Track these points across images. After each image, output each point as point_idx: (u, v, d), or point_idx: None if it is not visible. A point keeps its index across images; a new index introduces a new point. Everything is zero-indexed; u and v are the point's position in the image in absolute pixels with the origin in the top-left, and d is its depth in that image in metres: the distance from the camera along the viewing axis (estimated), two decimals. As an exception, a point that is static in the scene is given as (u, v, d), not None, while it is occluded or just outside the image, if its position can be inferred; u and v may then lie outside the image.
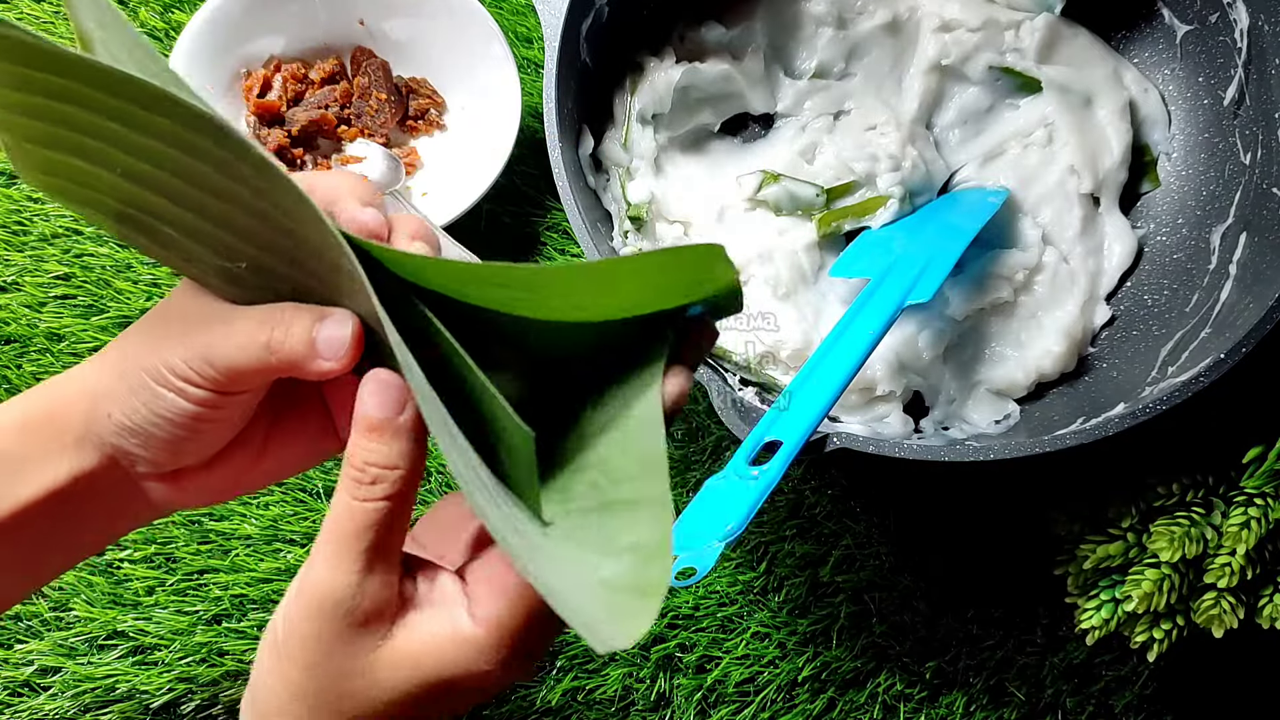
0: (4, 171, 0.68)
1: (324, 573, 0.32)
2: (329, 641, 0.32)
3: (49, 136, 0.32)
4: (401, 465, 0.32)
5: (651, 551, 0.29)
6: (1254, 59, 0.60)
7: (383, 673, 0.32)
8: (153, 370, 0.35)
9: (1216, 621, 0.55)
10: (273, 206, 0.31)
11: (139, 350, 0.36)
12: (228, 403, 0.36)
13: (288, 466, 0.41)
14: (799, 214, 0.64)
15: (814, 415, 0.50)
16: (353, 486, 0.32)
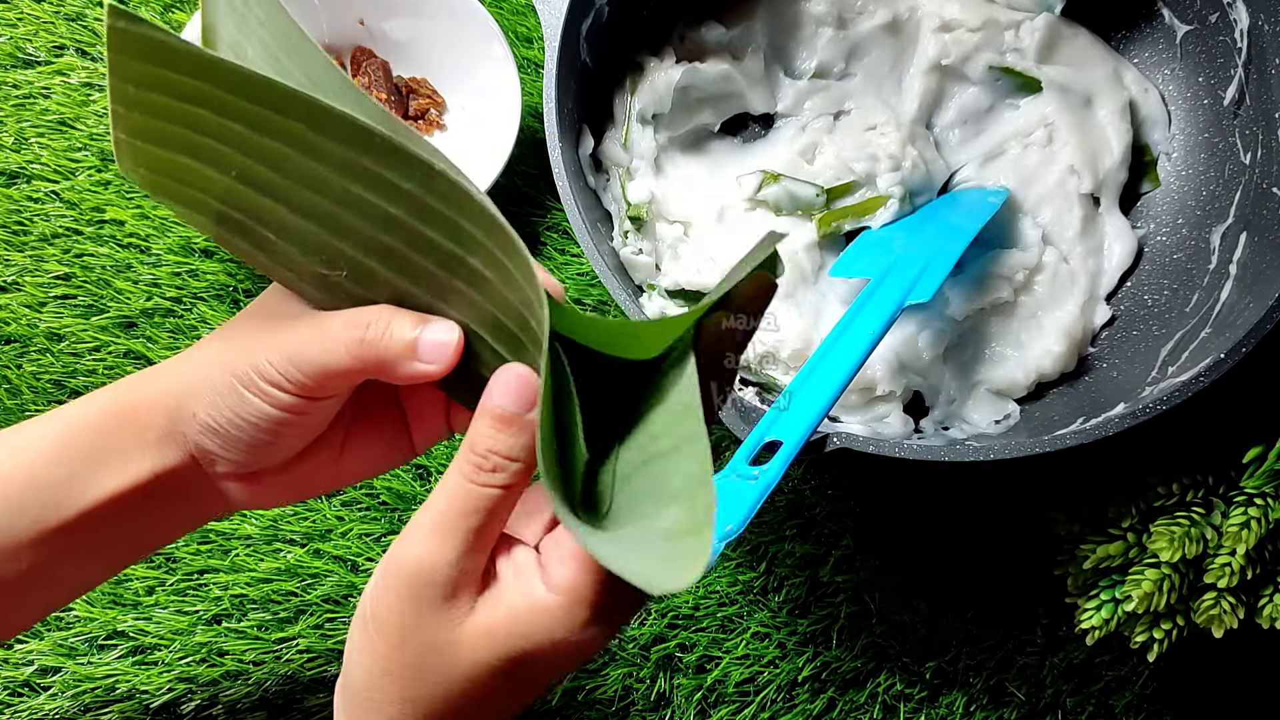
0: (4, 171, 0.68)
1: (423, 547, 0.33)
2: (419, 615, 0.33)
3: (167, 135, 0.33)
4: (522, 458, 0.33)
5: (695, 486, 0.30)
6: (1254, 59, 0.60)
7: (466, 646, 0.33)
8: (240, 374, 0.36)
9: (1216, 621, 0.55)
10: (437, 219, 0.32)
11: (225, 353, 0.37)
12: (311, 408, 0.37)
13: (362, 471, 0.42)
14: (799, 214, 0.64)
15: (814, 415, 0.50)
16: (471, 471, 0.33)
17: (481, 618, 0.33)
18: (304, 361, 0.35)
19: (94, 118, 0.68)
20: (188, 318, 0.66)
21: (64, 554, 0.38)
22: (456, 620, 0.33)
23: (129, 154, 0.33)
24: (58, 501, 0.37)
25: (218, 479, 0.39)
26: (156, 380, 0.38)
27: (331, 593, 0.63)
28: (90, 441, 0.37)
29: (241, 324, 0.38)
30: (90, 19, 0.69)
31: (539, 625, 0.33)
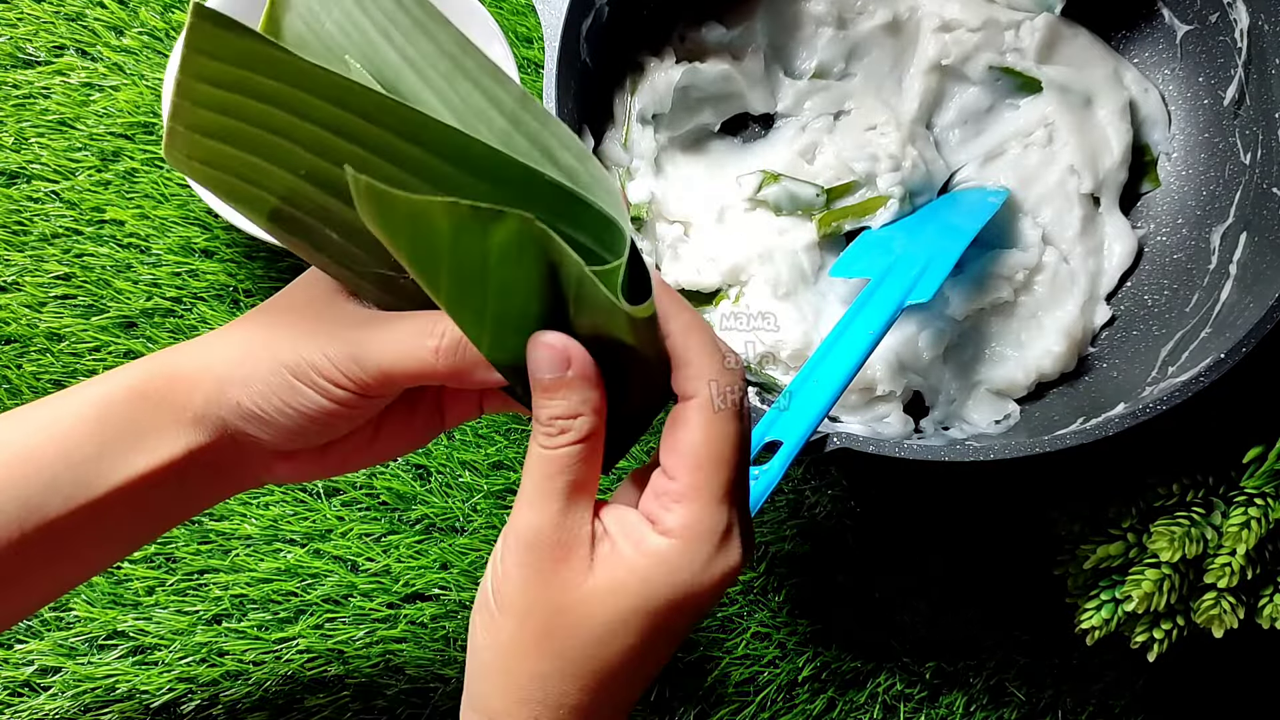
0: (4, 171, 0.68)
1: (528, 516, 0.34)
2: (538, 579, 0.33)
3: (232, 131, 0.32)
4: (583, 410, 0.34)
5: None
6: (1254, 59, 0.60)
7: (595, 603, 0.33)
8: (293, 365, 0.36)
9: (1216, 621, 0.55)
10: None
11: (272, 340, 0.36)
12: (365, 404, 0.37)
13: (395, 448, 0.42)
14: (799, 214, 0.64)
15: (814, 415, 0.50)
16: (544, 439, 0.34)
17: (603, 575, 0.33)
18: (369, 362, 0.35)
19: (94, 118, 0.68)
20: (188, 318, 0.66)
21: (92, 530, 0.38)
22: (577, 579, 0.33)
23: (184, 145, 0.33)
24: (89, 479, 0.37)
25: (254, 454, 0.39)
26: (193, 358, 0.38)
27: (331, 593, 0.63)
28: (123, 418, 0.37)
29: (284, 312, 0.38)
30: (90, 19, 0.69)
31: (663, 572, 0.33)
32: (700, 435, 0.33)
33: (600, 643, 0.33)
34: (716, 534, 0.33)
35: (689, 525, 0.33)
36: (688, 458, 0.33)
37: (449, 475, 0.65)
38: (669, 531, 0.33)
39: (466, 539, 0.64)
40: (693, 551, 0.33)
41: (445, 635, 0.63)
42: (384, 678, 0.62)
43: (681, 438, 0.33)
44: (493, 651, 0.34)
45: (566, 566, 0.33)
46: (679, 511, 0.33)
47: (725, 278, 0.63)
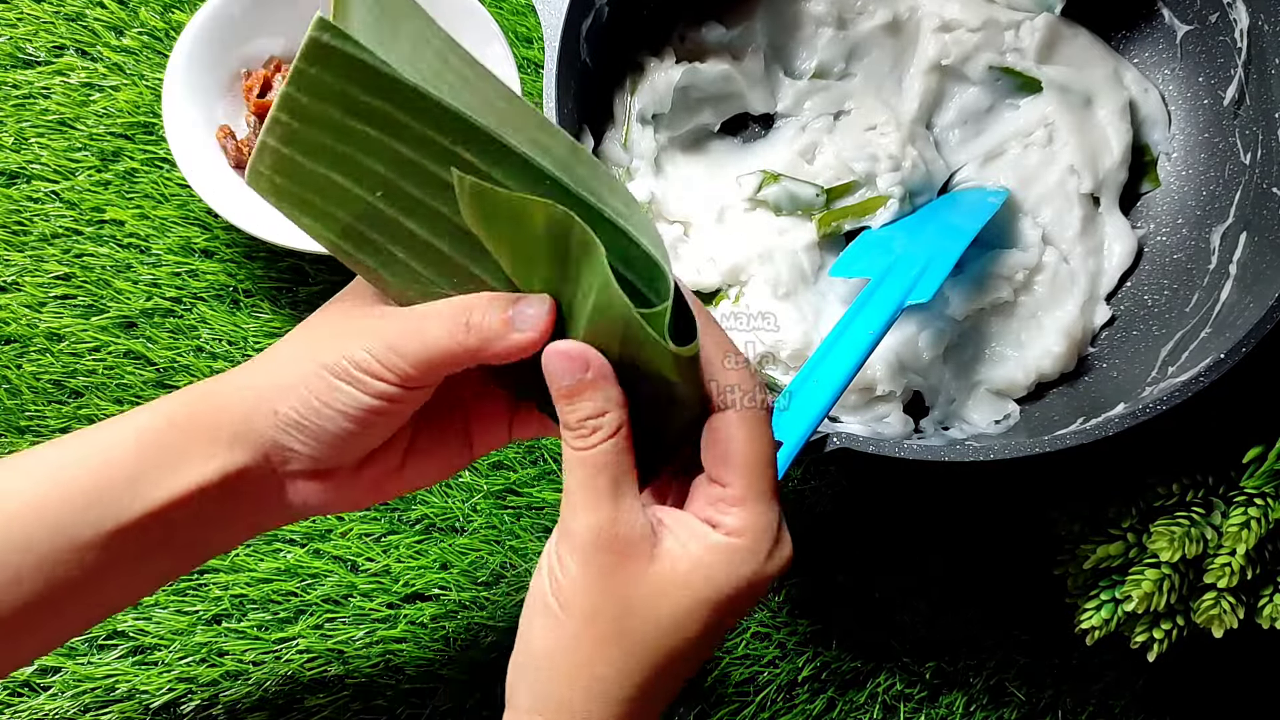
0: (4, 171, 0.68)
1: (584, 519, 0.35)
2: (606, 579, 0.34)
3: (320, 147, 0.33)
4: (608, 407, 0.35)
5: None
6: (1254, 59, 0.60)
7: (664, 599, 0.35)
8: (331, 364, 0.37)
9: (1216, 621, 0.55)
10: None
11: (312, 346, 0.37)
12: (406, 398, 0.37)
13: (424, 477, 0.43)
14: (799, 214, 0.64)
15: (814, 415, 0.50)
16: (576, 441, 0.35)
17: (667, 570, 0.35)
18: (407, 350, 0.36)
19: (94, 118, 0.68)
20: (188, 318, 0.66)
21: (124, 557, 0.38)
22: (641, 574, 0.35)
23: (269, 159, 0.34)
24: (121, 504, 0.37)
25: (286, 479, 0.39)
26: (231, 381, 0.39)
27: (331, 593, 0.63)
28: (160, 444, 0.38)
29: (321, 322, 0.39)
30: (90, 19, 0.69)
31: (729, 568, 0.35)
32: (744, 442, 0.35)
33: (665, 635, 0.35)
34: (773, 530, 0.36)
35: (750, 525, 0.35)
36: (737, 463, 0.35)
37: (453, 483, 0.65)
38: (733, 531, 0.35)
39: (466, 539, 0.64)
40: (756, 548, 0.35)
41: (445, 635, 0.63)
42: (384, 678, 0.62)
43: (727, 446, 0.35)
44: (557, 652, 0.35)
45: (631, 562, 0.34)
46: (738, 514, 0.35)
47: (725, 278, 0.63)
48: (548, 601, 0.36)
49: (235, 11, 0.64)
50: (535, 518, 0.64)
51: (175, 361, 0.65)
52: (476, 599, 0.63)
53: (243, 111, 0.67)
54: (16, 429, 0.64)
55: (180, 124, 0.63)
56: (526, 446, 0.65)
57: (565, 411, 0.35)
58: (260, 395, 0.38)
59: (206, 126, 0.65)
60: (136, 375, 0.65)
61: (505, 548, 0.64)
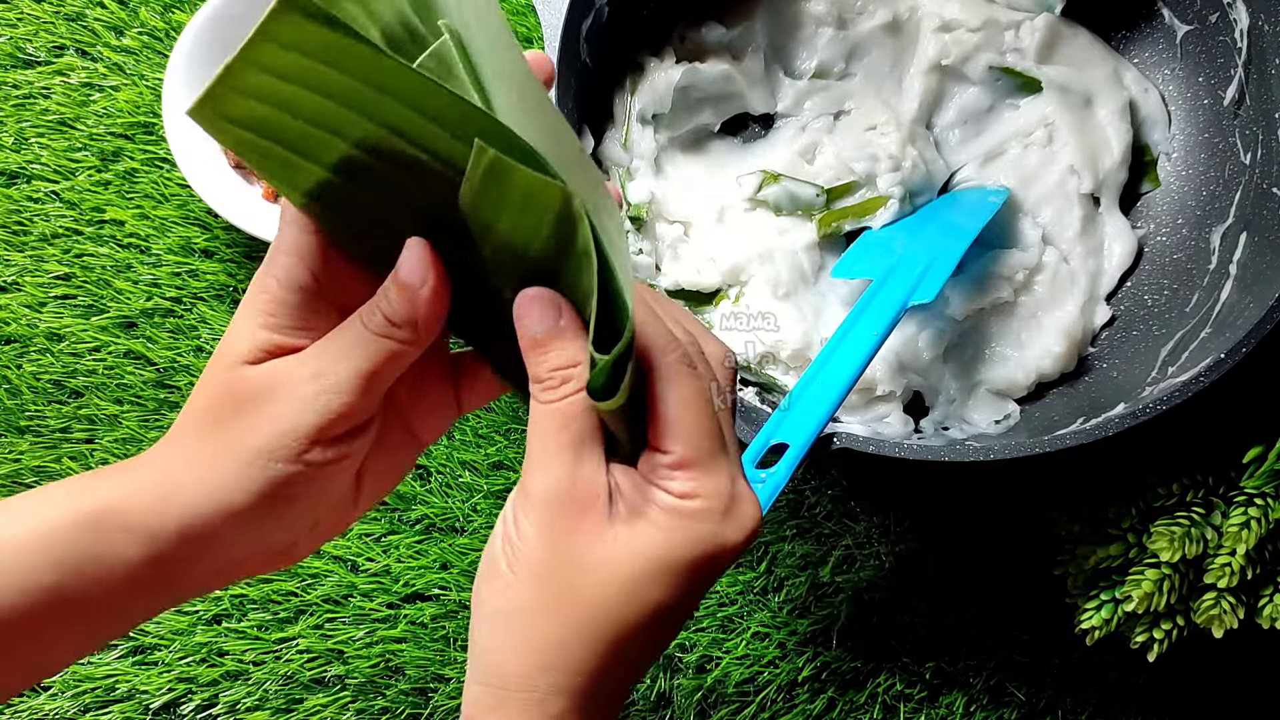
0: (4, 171, 0.68)
1: (541, 475, 0.33)
2: (560, 538, 0.32)
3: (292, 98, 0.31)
4: (581, 358, 0.33)
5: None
6: (1254, 59, 0.60)
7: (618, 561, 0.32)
8: (263, 478, 0.33)
9: (1216, 621, 0.55)
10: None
11: (233, 453, 0.34)
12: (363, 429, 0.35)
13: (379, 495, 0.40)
14: (799, 214, 0.64)
15: (820, 417, 0.50)
16: (545, 393, 0.33)
17: (624, 530, 0.33)
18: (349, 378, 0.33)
19: (94, 118, 0.68)
20: (188, 318, 0.66)
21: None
22: (598, 534, 0.32)
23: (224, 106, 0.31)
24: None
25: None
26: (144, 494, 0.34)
27: (331, 593, 0.63)
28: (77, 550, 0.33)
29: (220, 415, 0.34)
30: (90, 19, 0.69)
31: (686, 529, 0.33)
32: (674, 403, 0.33)
33: (623, 601, 0.32)
34: (725, 492, 0.33)
35: (698, 488, 0.33)
36: (673, 428, 0.33)
37: (449, 475, 0.65)
38: (682, 495, 0.33)
39: (466, 539, 0.64)
40: (709, 510, 0.33)
41: (445, 635, 0.63)
42: (384, 678, 0.62)
43: (661, 411, 0.33)
44: (507, 617, 0.33)
45: (587, 520, 0.32)
46: (683, 477, 0.33)
47: (725, 278, 0.63)
48: (498, 567, 0.33)
49: (235, 11, 0.64)
50: (535, 518, 0.64)
51: (175, 361, 0.65)
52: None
53: (243, 111, 0.67)
54: (16, 429, 0.64)
55: (180, 124, 0.63)
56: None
57: (535, 362, 0.33)
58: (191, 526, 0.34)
59: (206, 126, 0.65)
60: (136, 375, 0.65)
61: (505, 548, 0.64)
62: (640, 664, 0.34)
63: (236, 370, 0.34)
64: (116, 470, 0.35)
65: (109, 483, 0.34)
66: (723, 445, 0.34)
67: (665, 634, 0.34)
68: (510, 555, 0.33)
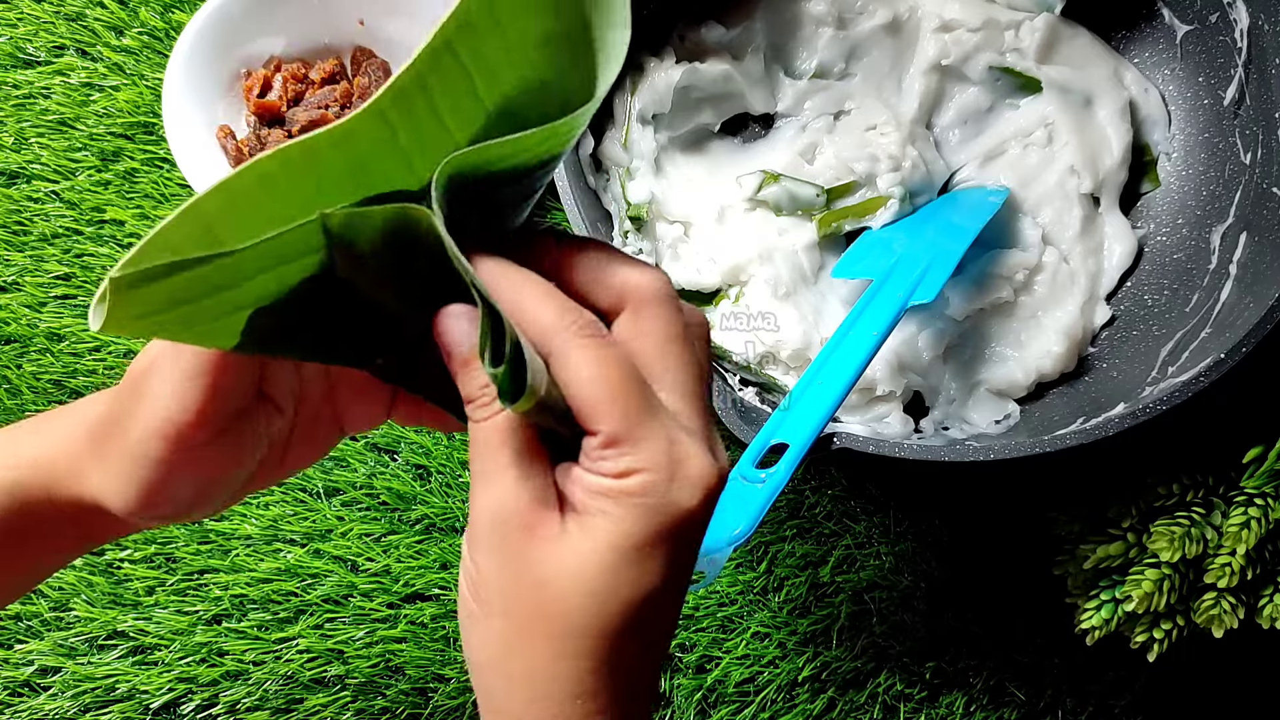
0: (4, 171, 0.68)
1: (483, 498, 0.31)
2: (513, 559, 0.31)
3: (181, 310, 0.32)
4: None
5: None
6: (1254, 59, 0.60)
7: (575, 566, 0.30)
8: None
9: (1216, 621, 0.55)
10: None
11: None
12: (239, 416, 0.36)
13: (294, 468, 0.40)
14: (799, 214, 0.64)
15: (820, 417, 0.50)
16: (479, 411, 0.31)
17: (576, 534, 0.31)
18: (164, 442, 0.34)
19: (94, 118, 0.68)
20: (188, 318, 0.66)
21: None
22: (551, 544, 0.31)
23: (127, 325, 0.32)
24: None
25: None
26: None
27: (331, 593, 0.63)
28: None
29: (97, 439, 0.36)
30: (90, 19, 0.69)
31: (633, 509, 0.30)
32: (585, 382, 0.30)
33: (593, 606, 0.30)
34: (664, 457, 0.31)
35: (634, 462, 0.30)
36: (590, 406, 0.30)
37: (449, 475, 0.65)
38: (622, 473, 0.30)
39: (466, 539, 0.64)
40: (652, 482, 0.30)
41: (445, 635, 0.63)
42: (384, 678, 0.62)
43: (572, 395, 0.31)
44: (490, 660, 0.32)
45: (536, 535, 0.31)
46: (615, 455, 0.30)
47: (725, 278, 0.63)
48: (468, 604, 0.32)
49: (235, 11, 0.64)
50: (535, 518, 0.64)
51: (175, 361, 0.65)
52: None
53: (243, 111, 0.67)
54: (16, 429, 0.65)
55: (180, 124, 0.63)
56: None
57: (465, 381, 0.32)
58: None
59: (206, 126, 0.65)
60: (136, 375, 0.65)
61: (505, 548, 0.64)
62: (644, 666, 0.33)
63: (134, 368, 0.36)
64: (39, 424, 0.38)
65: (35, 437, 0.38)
66: (649, 408, 0.31)
67: (655, 627, 0.32)
68: (474, 592, 0.32)
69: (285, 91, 0.67)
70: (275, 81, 0.67)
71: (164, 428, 0.34)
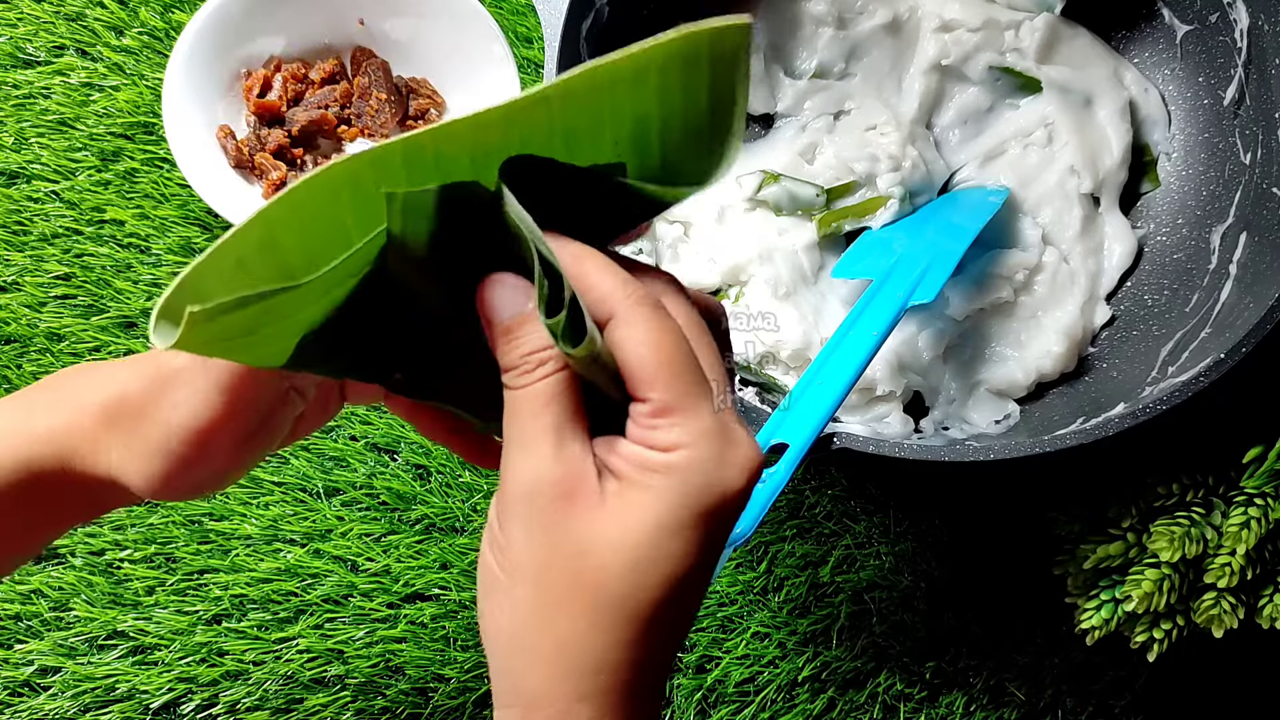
0: (4, 171, 0.68)
1: (519, 468, 0.31)
2: (550, 529, 0.30)
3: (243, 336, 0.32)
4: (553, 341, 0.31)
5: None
6: (1254, 59, 0.60)
7: (615, 536, 0.30)
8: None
9: (1216, 621, 0.55)
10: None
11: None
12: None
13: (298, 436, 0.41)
14: (799, 214, 0.64)
15: (820, 417, 0.50)
16: (519, 379, 0.31)
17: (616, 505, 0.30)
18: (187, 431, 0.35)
19: (94, 118, 0.68)
20: (188, 318, 0.66)
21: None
22: (590, 515, 0.30)
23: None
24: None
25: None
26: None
27: (331, 593, 0.63)
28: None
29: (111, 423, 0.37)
30: (90, 19, 0.69)
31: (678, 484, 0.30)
32: (642, 346, 0.30)
33: (630, 579, 0.30)
34: (715, 432, 0.31)
35: (684, 435, 0.30)
36: (645, 371, 0.30)
37: (449, 475, 0.65)
38: (669, 446, 0.30)
39: (466, 539, 0.64)
40: (701, 457, 0.30)
41: (445, 635, 0.63)
42: (384, 678, 0.62)
43: (625, 360, 0.31)
44: (514, 630, 0.31)
45: (576, 504, 0.30)
46: (667, 425, 0.30)
47: (725, 278, 0.63)
48: (494, 574, 0.31)
49: (235, 11, 0.64)
50: (535, 518, 0.64)
51: (175, 361, 0.65)
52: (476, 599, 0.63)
53: (243, 111, 0.67)
54: (16, 429, 0.64)
55: (180, 124, 0.63)
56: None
57: (506, 350, 0.31)
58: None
59: (206, 126, 0.65)
60: (136, 375, 0.65)
61: (505, 548, 0.64)
62: (667, 646, 0.32)
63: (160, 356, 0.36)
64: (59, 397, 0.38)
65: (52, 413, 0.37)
66: (703, 381, 0.31)
67: (686, 606, 0.32)
68: (500, 560, 0.31)
69: (285, 91, 0.67)
70: (275, 81, 0.67)
71: (190, 434, 0.35)
